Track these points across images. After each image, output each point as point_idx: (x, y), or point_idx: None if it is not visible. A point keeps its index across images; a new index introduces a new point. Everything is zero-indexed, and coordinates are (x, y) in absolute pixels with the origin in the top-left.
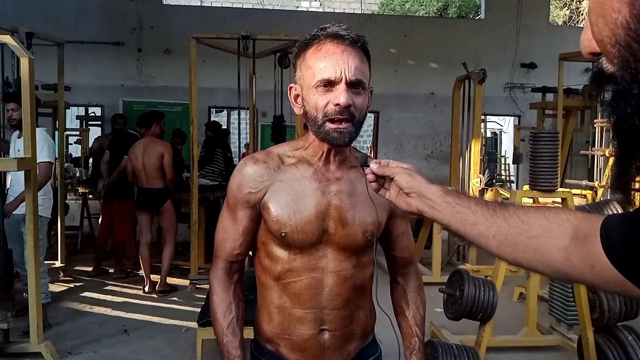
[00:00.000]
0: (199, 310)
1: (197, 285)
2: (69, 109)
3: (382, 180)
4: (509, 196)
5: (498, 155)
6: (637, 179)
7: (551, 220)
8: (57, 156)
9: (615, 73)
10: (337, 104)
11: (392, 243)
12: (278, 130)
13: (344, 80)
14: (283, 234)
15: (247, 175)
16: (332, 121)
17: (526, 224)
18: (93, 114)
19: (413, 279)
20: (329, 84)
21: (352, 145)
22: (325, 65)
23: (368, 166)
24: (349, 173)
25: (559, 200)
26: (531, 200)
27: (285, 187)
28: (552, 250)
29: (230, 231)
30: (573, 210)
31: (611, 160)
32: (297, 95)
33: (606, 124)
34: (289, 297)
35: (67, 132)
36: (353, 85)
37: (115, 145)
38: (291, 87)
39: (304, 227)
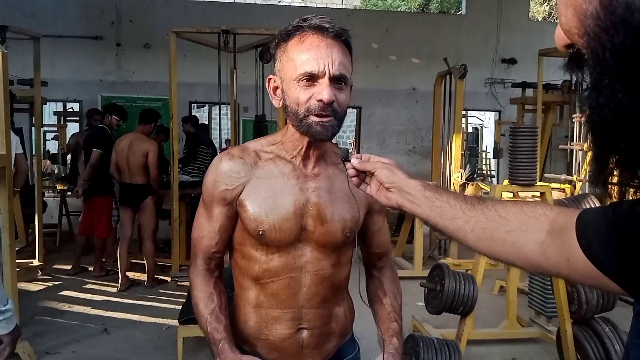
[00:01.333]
0: (180, 308)
1: (179, 283)
2: (46, 104)
3: (363, 175)
4: (489, 190)
5: (479, 150)
6: (615, 173)
7: (528, 214)
8: (34, 153)
9: (587, 62)
10: (320, 100)
11: (369, 239)
12: (259, 131)
13: (327, 75)
14: (260, 233)
15: (223, 171)
16: (315, 115)
17: (504, 218)
18: (71, 110)
19: (388, 271)
20: (311, 78)
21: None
22: (308, 58)
23: (349, 161)
24: (327, 169)
25: (538, 194)
26: (511, 195)
27: (262, 183)
28: (528, 244)
29: (206, 229)
30: (550, 204)
31: (589, 155)
32: (277, 88)
33: (581, 118)
34: (266, 297)
35: (45, 128)
36: (336, 80)
37: (86, 141)
38: (270, 79)
39: (281, 225)
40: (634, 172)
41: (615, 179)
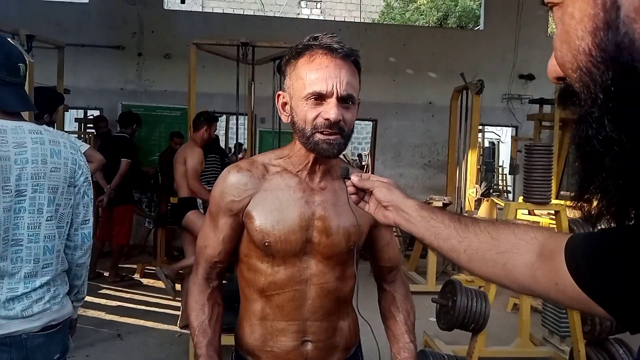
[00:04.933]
0: None
1: None
2: (67, 111)
3: (363, 193)
4: (503, 206)
5: (495, 165)
6: (596, 198)
7: (519, 237)
8: None
9: (579, 95)
10: (327, 119)
11: (378, 253)
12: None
13: (335, 95)
14: (266, 244)
15: (231, 183)
16: (321, 132)
17: (495, 240)
18: (91, 116)
19: (401, 286)
20: (319, 97)
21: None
22: (317, 77)
23: (349, 179)
24: (333, 183)
25: (553, 212)
26: (526, 212)
27: (269, 196)
28: (518, 266)
29: (210, 239)
30: (541, 227)
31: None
32: (285, 104)
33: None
34: (272, 309)
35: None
36: (343, 100)
37: (104, 149)
38: (279, 95)
39: (287, 237)
40: (610, 201)
41: (594, 205)
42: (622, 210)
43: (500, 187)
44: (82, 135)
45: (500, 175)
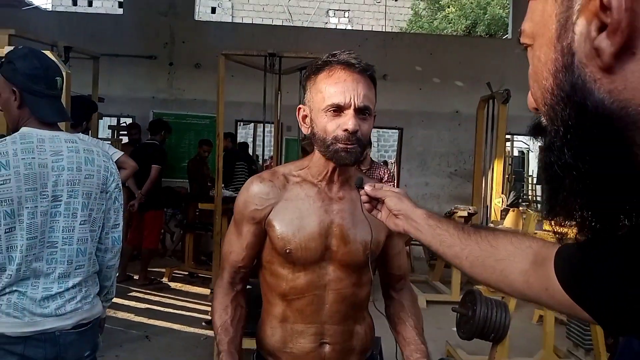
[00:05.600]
0: None
1: None
2: (101, 119)
3: (375, 202)
4: (531, 212)
5: (525, 175)
6: (561, 215)
7: (516, 245)
8: None
9: (547, 127)
10: (346, 129)
11: (389, 261)
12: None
13: (352, 107)
14: (287, 251)
15: (253, 193)
16: (340, 142)
17: (494, 248)
18: (124, 124)
19: (408, 293)
20: (338, 109)
21: (362, 166)
22: (336, 90)
23: (363, 188)
24: (351, 192)
25: None
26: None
27: (290, 205)
28: (514, 272)
29: (234, 245)
30: (536, 237)
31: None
32: (306, 116)
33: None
34: (292, 313)
35: None
36: (360, 112)
37: (135, 155)
38: (300, 108)
39: (307, 244)
40: (570, 216)
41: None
42: (584, 224)
43: (529, 196)
44: (114, 142)
45: (529, 185)
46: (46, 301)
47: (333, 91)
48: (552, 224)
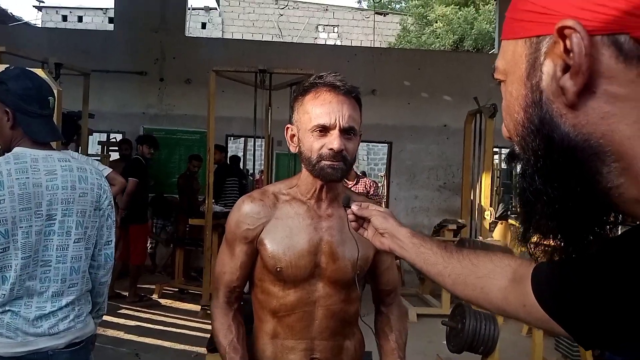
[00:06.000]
0: (207, 336)
1: (209, 311)
2: (92, 135)
3: (362, 221)
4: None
5: (513, 187)
6: (535, 237)
7: (496, 263)
8: None
9: (520, 155)
10: (331, 149)
11: (378, 277)
12: None
13: (338, 127)
14: (278, 269)
15: (245, 212)
16: (326, 160)
17: (475, 266)
18: (114, 139)
19: (396, 309)
20: (324, 129)
21: (348, 183)
22: (322, 112)
23: (350, 207)
24: (339, 210)
25: None
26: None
27: (280, 223)
28: (494, 289)
29: (228, 265)
30: (514, 256)
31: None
32: (293, 135)
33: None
34: (282, 329)
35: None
36: (346, 132)
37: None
38: (288, 128)
39: (297, 262)
40: (544, 237)
41: (535, 240)
42: (556, 245)
43: (518, 209)
44: (104, 158)
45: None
46: (39, 320)
47: (319, 112)
48: (528, 245)
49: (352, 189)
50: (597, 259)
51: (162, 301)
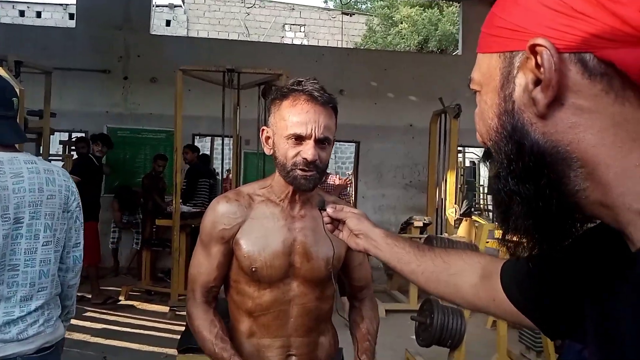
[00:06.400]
0: (177, 337)
1: (177, 312)
2: (53, 134)
3: (337, 222)
4: (483, 223)
5: (476, 185)
6: (513, 235)
7: (466, 261)
8: None
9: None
10: (305, 158)
11: (351, 273)
12: None
13: (313, 138)
14: (253, 269)
15: (221, 213)
16: (300, 169)
17: (447, 264)
18: (75, 139)
19: (369, 303)
20: (299, 138)
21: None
22: (298, 121)
23: (325, 210)
24: (312, 211)
25: None
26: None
27: (255, 224)
28: (465, 286)
29: (204, 266)
30: (483, 253)
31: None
32: (268, 138)
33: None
34: (258, 328)
35: (50, 158)
36: (320, 142)
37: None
38: (263, 130)
39: (272, 262)
40: (521, 236)
41: (515, 239)
42: (532, 242)
43: (481, 205)
44: (66, 158)
45: (481, 195)
46: (7, 326)
47: (296, 120)
48: (506, 242)
49: (328, 181)
50: (564, 256)
51: (129, 303)
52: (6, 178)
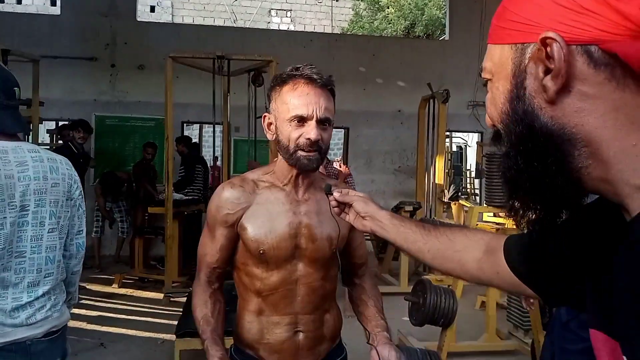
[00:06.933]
0: (173, 322)
1: (172, 299)
2: (41, 123)
3: (343, 206)
4: (473, 206)
5: (463, 169)
6: (520, 209)
7: (470, 238)
8: None
9: (503, 138)
10: (309, 138)
11: (353, 252)
12: None
13: (314, 118)
14: (261, 252)
15: (225, 198)
16: (303, 150)
17: (452, 241)
18: (59, 127)
19: (369, 279)
20: (301, 120)
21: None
22: (300, 103)
23: (332, 194)
24: (315, 194)
25: None
26: (491, 214)
27: (260, 209)
28: (470, 261)
29: (208, 247)
30: (486, 230)
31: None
32: (271, 124)
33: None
34: (267, 306)
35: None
36: (322, 122)
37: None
38: (265, 116)
39: (279, 245)
40: (527, 210)
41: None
42: (537, 217)
43: (468, 190)
44: (53, 147)
45: (468, 179)
46: (16, 311)
47: (297, 103)
48: (512, 217)
49: (333, 166)
50: (562, 229)
51: (123, 291)
52: (11, 166)
